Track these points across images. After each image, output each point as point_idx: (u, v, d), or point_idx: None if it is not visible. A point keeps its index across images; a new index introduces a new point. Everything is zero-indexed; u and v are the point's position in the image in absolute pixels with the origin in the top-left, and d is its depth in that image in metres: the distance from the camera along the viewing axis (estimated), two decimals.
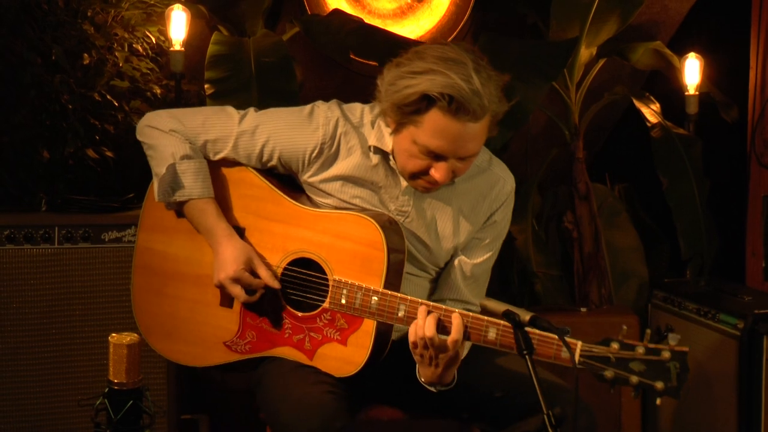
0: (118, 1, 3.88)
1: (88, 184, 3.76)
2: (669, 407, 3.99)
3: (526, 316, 2.34)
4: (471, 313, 2.49)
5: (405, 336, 2.56)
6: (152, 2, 3.97)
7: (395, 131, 2.57)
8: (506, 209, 2.79)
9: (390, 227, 2.62)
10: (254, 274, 2.66)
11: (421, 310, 2.50)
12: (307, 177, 2.70)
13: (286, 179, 2.78)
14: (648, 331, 2.38)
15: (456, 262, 2.77)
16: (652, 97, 4.42)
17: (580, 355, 2.38)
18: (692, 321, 3.92)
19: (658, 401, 2.33)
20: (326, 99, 2.79)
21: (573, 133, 4.38)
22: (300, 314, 2.66)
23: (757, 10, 4.43)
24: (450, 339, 2.47)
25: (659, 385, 2.31)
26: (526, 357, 2.28)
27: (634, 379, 2.33)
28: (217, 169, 2.77)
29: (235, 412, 3.81)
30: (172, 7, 3.87)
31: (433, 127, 2.46)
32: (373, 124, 2.68)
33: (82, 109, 3.74)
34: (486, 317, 2.47)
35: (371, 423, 2.80)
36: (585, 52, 4.30)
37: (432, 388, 2.59)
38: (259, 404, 2.72)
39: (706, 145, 4.18)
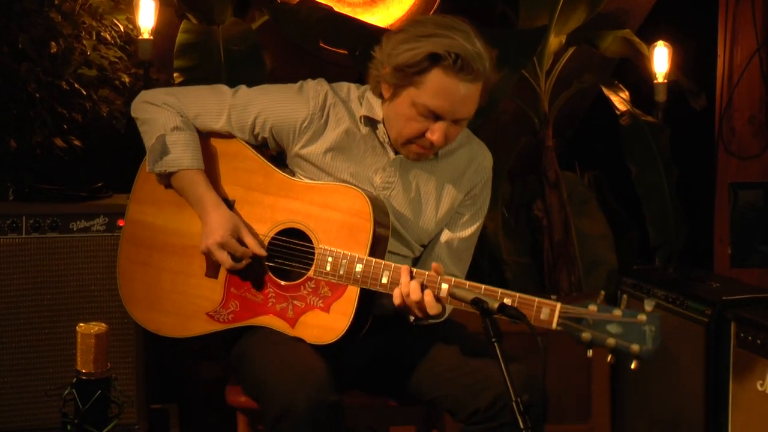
0: None
1: (55, 173, 3.73)
2: (638, 393, 4.01)
3: (494, 303, 2.35)
4: (454, 278, 2.54)
5: (380, 315, 2.62)
6: None
7: (392, 96, 2.63)
8: (486, 187, 2.88)
9: (376, 201, 2.66)
10: (241, 242, 2.68)
11: (404, 275, 2.54)
12: (297, 149, 2.73)
13: (277, 156, 2.81)
14: (624, 296, 2.39)
15: (441, 236, 2.83)
16: (621, 85, 4.45)
17: (559, 316, 2.40)
18: (661, 308, 3.93)
19: (633, 365, 2.35)
20: None
21: (542, 121, 4.39)
22: (284, 283, 2.68)
23: None
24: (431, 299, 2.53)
25: (635, 347, 2.32)
26: (495, 345, 2.29)
27: (611, 341, 2.34)
28: (208, 142, 2.80)
29: (204, 401, 3.80)
30: None
31: (435, 86, 2.55)
32: (360, 99, 2.75)
33: (49, 98, 3.71)
34: (468, 281, 2.54)
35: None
36: (554, 41, 4.31)
37: (420, 322, 2.62)
38: (241, 379, 2.72)
39: (674, 133, 4.20)
